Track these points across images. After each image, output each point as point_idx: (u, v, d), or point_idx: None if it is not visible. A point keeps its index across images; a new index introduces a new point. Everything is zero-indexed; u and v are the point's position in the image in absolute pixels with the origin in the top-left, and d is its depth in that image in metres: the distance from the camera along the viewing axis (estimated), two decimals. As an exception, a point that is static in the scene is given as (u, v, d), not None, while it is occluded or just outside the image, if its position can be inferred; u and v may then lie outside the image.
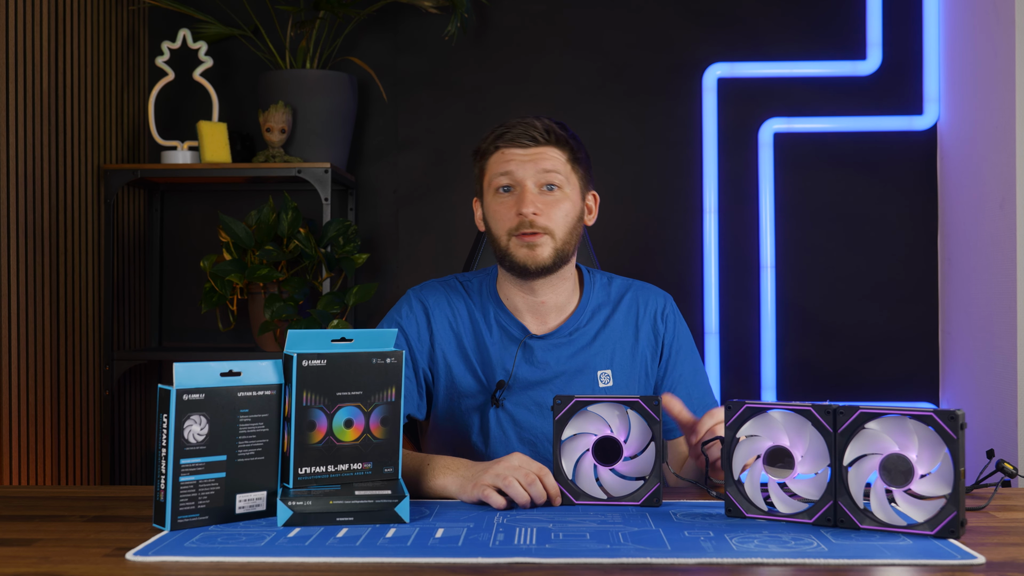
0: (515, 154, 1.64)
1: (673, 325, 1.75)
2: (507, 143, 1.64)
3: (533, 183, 1.63)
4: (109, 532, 1.25)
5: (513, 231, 1.62)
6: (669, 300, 1.77)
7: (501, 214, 1.64)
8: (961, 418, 1.18)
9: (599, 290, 1.75)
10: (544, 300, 1.69)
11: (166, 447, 1.23)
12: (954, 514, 1.18)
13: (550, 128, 1.65)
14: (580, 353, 1.69)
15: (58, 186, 2.57)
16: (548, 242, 1.63)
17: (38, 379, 2.47)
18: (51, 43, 2.54)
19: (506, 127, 1.65)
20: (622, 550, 1.14)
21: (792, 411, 1.28)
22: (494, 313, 1.70)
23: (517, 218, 1.62)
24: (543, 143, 1.64)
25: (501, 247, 1.65)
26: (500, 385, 1.66)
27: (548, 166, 1.63)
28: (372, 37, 3.08)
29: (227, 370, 1.28)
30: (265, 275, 2.67)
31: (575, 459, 1.40)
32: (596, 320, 1.72)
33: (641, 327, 1.73)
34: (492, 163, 1.66)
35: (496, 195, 1.65)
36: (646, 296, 1.76)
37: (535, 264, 1.62)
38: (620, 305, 1.74)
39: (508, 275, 1.68)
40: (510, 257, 1.64)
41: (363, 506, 1.26)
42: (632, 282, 1.78)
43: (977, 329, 2.68)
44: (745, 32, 3.01)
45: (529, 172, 1.63)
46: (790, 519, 1.28)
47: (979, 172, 2.66)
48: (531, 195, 1.62)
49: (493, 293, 1.72)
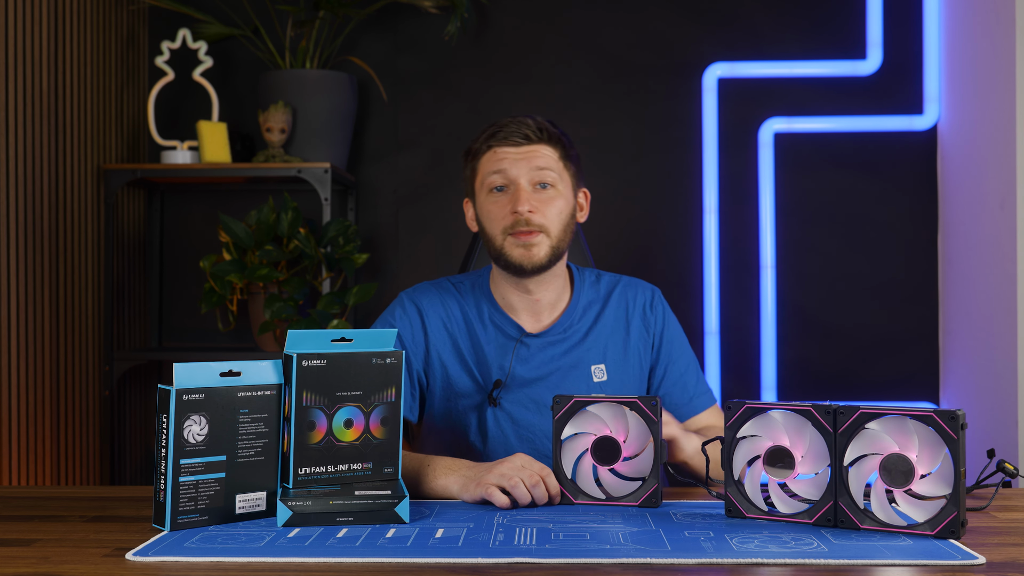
0: (508, 152, 1.64)
1: (662, 316, 1.76)
2: (499, 142, 1.64)
3: (527, 181, 1.63)
4: (109, 532, 1.24)
5: (508, 229, 1.63)
6: (657, 292, 1.78)
7: (495, 213, 1.64)
8: (962, 418, 1.18)
9: (589, 287, 1.75)
10: (539, 298, 1.69)
11: (166, 447, 1.23)
12: (955, 514, 1.18)
13: (543, 126, 1.65)
14: (574, 349, 1.70)
15: (58, 186, 2.57)
16: (544, 240, 1.63)
17: (38, 379, 2.47)
18: (51, 43, 2.54)
19: (497, 126, 1.65)
20: (622, 550, 1.14)
21: (792, 411, 1.28)
22: (488, 312, 1.71)
23: (512, 216, 1.62)
24: (536, 141, 1.64)
25: (496, 246, 1.65)
26: (497, 384, 1.67)
27: (541, 163, 1.63)
28: (372, 37, 3.08)
29: (227, 370, 1.27)
30: (265, 275, 2.67)
31: (574, 459, 1.40)
32: (588, 316, 1.73)
33: (632, 320, 1.74)
34: (484, 162, 1.66)
35: (490, 194, 1.65)
36: (634, 290, 1.76)
37: (531, 263, 1.63)
38: (610, 301, 1.74)
39: (503, 274, 1.68)
40: (505, 256, 1.64)
41: (363, 506, 1.26)
42: (620, 277, 1.78)
43: (977, 329, 2.68)
44: (745, 32, 3.01)
45: (523, 170, 1.63)
46: (790, 519, 1.28)
47: (979, 172, 2.66)
48: (526, 193, 1.62)
49: (487, 292, 1.72)
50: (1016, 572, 1.07)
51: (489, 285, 1.73)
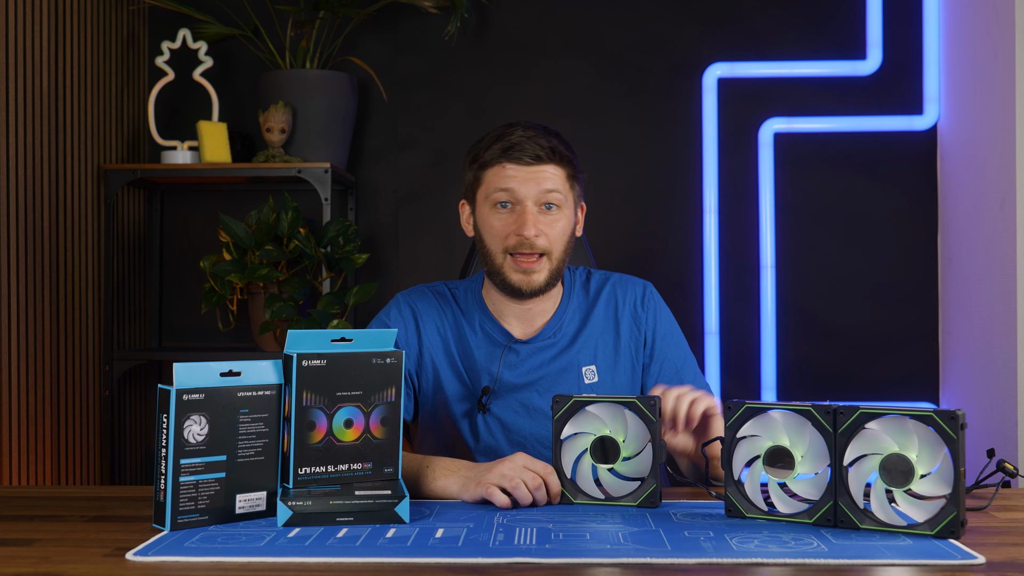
0: (518, 171, 1.61)
1: (654, 311, 1.74)
2: (510, 158, 1.62)
3: (533, 202, 1.62)
4: (109, 532, 1.24)
5: (510, 249, 1.62)
6: (648, 287, 1.76)
7: (498, 230, 1.63)
8: (961, 418, 1.18)
9: (579, 289, 1.75)
10: (531, 307, 1.70)
11: (166, 447, 1.23)
12: (954, 514, 1.18)
13: (555, 147, 1.62)
14: (563, 353, 1.69)
15: (58, 186, 2.57)
16: (545, 265, 1.62)
17: (38, 379, 2.47)
18: (51, 43, 2.54)
19: (509, 140, 1.62)
20: (622, 550, 1.14)
21: (792, 411, 1.28)
22: (479, 319, 1.71)
23: (516, 238, 1.61)
24: (547, 161, 1.62)
25: (495, 264, 1.64)
26: (485, 391, 1.67)
27: (549, 185, 1.62)
28: (372, 37, 3.08)
29: (227, 370, 1.28)
30: (265, 275, 2.67)
31: (574, 459, 1.40)
32: (576, 319, 1.72)
33: (621, 319, 1.72)
34: (491, 176, 1.64)
35: (493, 209, 1.64)
36: (624, 287, 1.75)
37: (530, 288, 1.63)
38: (599, 300, 1.73)
39: (496, 287, 1.68)
40: (503, 277, 1.63)
41: (363, 506, 1.26)
42: (610, 275, 1.77)
43: (977, 329, 2.68)
44: (745, 32, 3.01)
45: (531, 191, 1.61)
46: (790, 519, 1.28)
47: (979, 172, 2.66)
48: (532, 216, 1.60)
49: (479, 299, 1.73)
50: (1016, 572, 1.07)
51: (481, 291, 1.73)
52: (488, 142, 1.65)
